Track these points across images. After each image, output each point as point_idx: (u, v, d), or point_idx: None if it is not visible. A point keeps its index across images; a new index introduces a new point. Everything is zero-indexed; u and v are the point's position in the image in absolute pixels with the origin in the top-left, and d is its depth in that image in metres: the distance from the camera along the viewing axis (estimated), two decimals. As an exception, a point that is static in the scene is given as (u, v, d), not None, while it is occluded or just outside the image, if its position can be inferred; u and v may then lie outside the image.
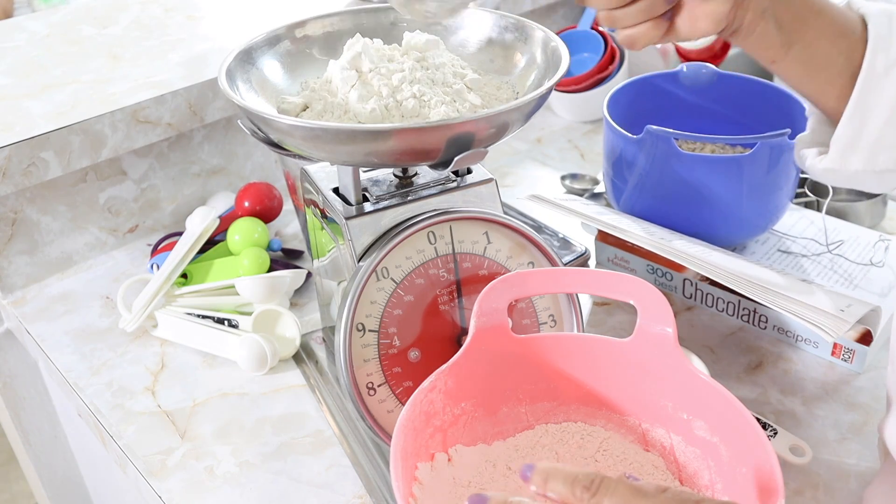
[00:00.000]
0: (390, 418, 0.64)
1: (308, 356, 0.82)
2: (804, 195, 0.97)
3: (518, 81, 0.68)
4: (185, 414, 0.76)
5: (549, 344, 0.61)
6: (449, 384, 0.57)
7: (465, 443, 0.59)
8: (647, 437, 0.60)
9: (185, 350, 0.84)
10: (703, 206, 0.82)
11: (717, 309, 0.85)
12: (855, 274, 0.85)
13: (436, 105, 0.60)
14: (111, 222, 0.98)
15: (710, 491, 0.56)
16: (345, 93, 0.62)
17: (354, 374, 0.62)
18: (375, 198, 0.64)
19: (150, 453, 0.73)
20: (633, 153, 0.83)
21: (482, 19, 0.70)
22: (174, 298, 0.86)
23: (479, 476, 0.57)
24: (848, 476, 0.67)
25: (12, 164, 0.85)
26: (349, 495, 0.68)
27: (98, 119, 0.89)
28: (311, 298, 0.90)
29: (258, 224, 0.91)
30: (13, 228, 0.91)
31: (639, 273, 0.89)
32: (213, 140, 1.03)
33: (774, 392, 0.76)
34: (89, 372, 0.82)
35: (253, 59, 0.67)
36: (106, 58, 1.04)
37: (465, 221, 0.64)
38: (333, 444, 0.72)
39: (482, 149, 0.58)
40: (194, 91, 0.96)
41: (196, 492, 0.69)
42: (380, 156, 0.57)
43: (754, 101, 0.92)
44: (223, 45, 1.07)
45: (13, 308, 0.91)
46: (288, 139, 0.59)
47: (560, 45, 0.65)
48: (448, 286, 0.65)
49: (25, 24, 1.16)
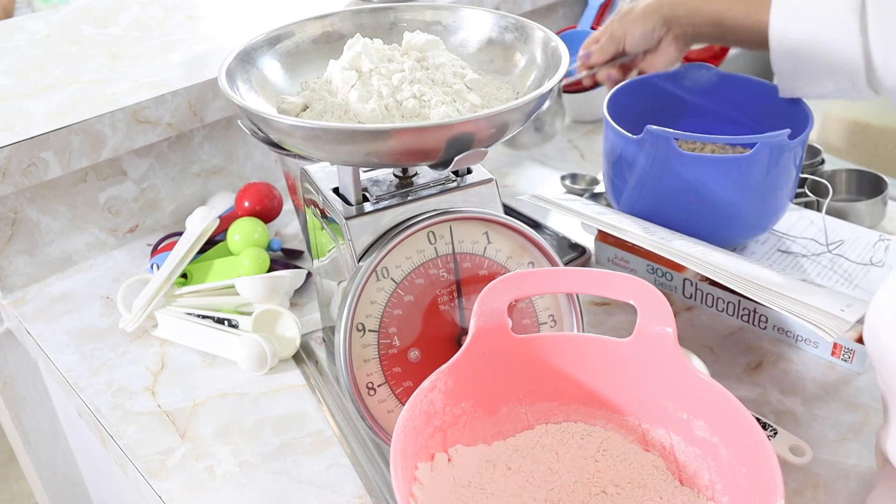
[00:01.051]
0: (390, 418, 0.64)
1: (308, 356, 0.82)
2: (804, 195, 0.97)
3: (518, 81, 0.68)
4: (185, 414, 0.76)
5: (549, 344, 0.61)
6: (449, 384, 0.57)
7: (465, 443, 0.59)
8: (647, 437, 0.60)
9: (185, 350, 0.84)
10: (703, 207, 0.82)
11: (717, 309, 0.85)
12: (855, 274, 0.85)
13: (436, 105, 0.60)
14: (111, 222, 0.98)
15: (711, 491, 0.56)
16: (345, 93, 0.62)
17: (354, 374, 0.62)
18: (375, 198, 0.64)
19: (150, 453, 0.73)
20: (633, 153, 0.83)
21: (482, 19, 0.70)
22: (174, 298, 0.86)
23: (479, 476, 0.57)
24: (848, 476, 0.67)
25: (12, 164, 0.85)
26: (349, 495, 0.68)
27: (98, 119, 0.89)
28: (311, 298, 0.90)
29: (258, 224, 0.91)
30: (13, 228, 0.91)
31: (639, 273, 0.89)
32: (213, 140, 1.03)
33: (774, 392, 0.76)
34: (89, 372, 0.82)
35: (253, 59, 0.67)
36: (106, 58, 1.04)
37: (465, 221, 0.64)
38: (333, 444, 0.72)
39: (482, 149, 0.58)
40: (194, 91, 0.96)
41: (196, 492, 0.69)
42: (380, 156, 0.57)
43: (754, 101, 0.92)
44: (223, 45, 1.07)
45: (13, 308, 0.91)
46: (288, 139, 0.59)
47: (560, 45, 0.65)
48: (448, 286, 0.65)
49: (25, 24, 1.16)
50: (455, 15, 0.71)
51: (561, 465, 0.59)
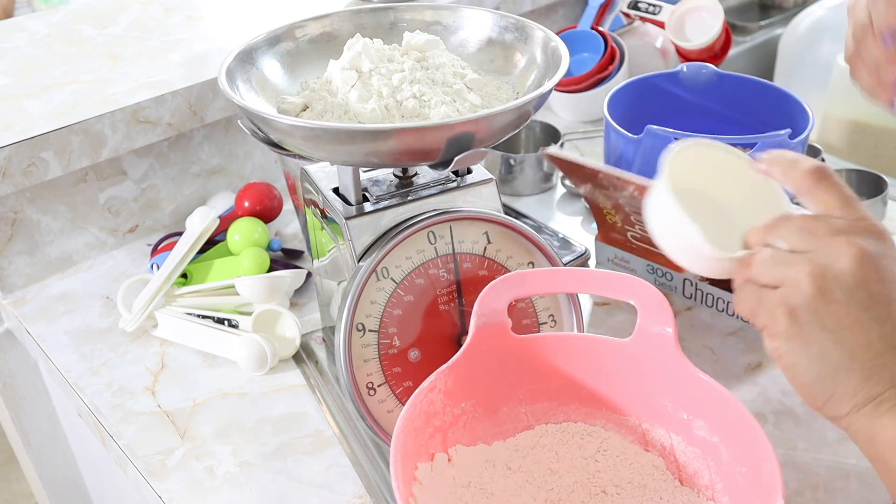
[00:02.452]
0: (390, 418, 0.64)
1: (308, 356, 0.82)
2: (804, 195, 0.97)
3: (518, 81, 0.68)
4: (185, 414, 0.76)
5: (549, 344, 0.61)
6: (449, 384, 0.57)
7: (465, 443, 0.59)
8: (647, 437, 0.60)
9: (185, 350, 0.84)
10: (703, 206, 0.82)
11: (717, 309, 0.85)
12: (855, 274, 0.84)
13: (436, 105, 0.60)
14: (111, 222, 0.98)
15: (711, 491, 0.56)
16: (345, 93, 0.62)
17: (354, 374, 0.62)
18: (375, 198, 0.64)
19: (150, 453, 0.72)
20: (633, 153, 0.83)
21: (482, 19, 0.70)
22: (174, 298, 0.86)
23: (479, 476, 0.57)
24: (848, 476, 0.67)
25: (12, 164, 0.85)
26: (349, 495, 0.68)
27: (98, 119, 0.89)
28: (311, 298, 0.90)
29: (258, 224, 0.91)
30: (13, 228, 0.91)
31: (639, 273, 0.89)
32: (213, 140, 1.03)
33: (774, 392, 0.76)
34: (89, 372, 0.82)
35: (253, 59, 0.67)
36: (106, 58, 1.04)
37: (465, 221, 0.64)
38: (333, 444, 0.72)
39: (482, 149, 0.58)
40: (194, 91, 0.96)
41: (196, 492, 0.69)
42: (380, 156, 0.57)
43: (754, 101, 0.92)
44: (223, 45, 1.07)
45: (13, 308, 0.91)
46: (288, 139, 0.59)
47: (560, 45, 0.65)
48: (448, 286, 0.64)
49: (25, 24, 1.16)
50: (455, 15, 0.71)
51: (561, 465, 0.59)
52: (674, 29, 1.19)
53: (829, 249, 0.46)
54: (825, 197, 0.49)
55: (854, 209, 0.48)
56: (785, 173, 0.51)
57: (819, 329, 0.46)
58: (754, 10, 1.71)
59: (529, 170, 1.03)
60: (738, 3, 1.69)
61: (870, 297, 0.46)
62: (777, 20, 1.62)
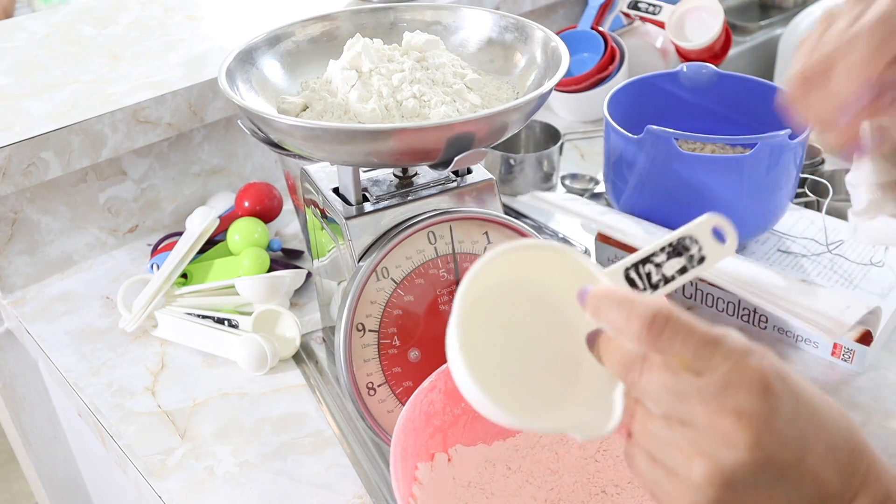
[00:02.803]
0: (390, 418, 0.64)
1: (308, 356, 0.82)
2: (804, 195, 0.97)
3: (518, 81, 0.68)
4: (185, 414, 0.76)
5: (549, 344, 0.61)
6: (449, 384, 0.57)
7: (465, 443, 0.59)
8: (647, 437, 0.60)
9: (185, 350, 0.84)
10: (703, 207, 0.81)
11: (717, 309, 0.85)
12: (855, 274, 0.85)
13: (436, 105, 0.60)
14: (111, 222, 0.98)
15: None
16: (345, 93, 0.62)
17: (354, 374, 0.62)
18: (375, 198, 0.64)
19: (150, 453, 0.73)
20: (633, 153, 0.83)
21: (482, 19, 0.70)
22: (174, 298, 0.86)
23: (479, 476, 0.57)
24: (848, 476, 0.67)
25: (12, 164, 0.85)
26: (349, 495, 0.68)
27: (98, 119, 0.89)
28: (311, 298, 0.90)
29: (258, 224, 0.91)
30: (13, 228, 0.91)
31: (639, 273, 0.89)
32: (213, 140, 1.03)
33: (774, 392, 0.75)
34: (89, 372, 0.82)
35: (253, 59, 0.67)
36: (106, 58, 1.04)
37: (465, 221, 0.64)
38: (333, 444, 0.72)
39: (482, 149, 0.58)
40: (194, 91, 0.96)
41: (196, 492, 0.69)
42: (380, 156, 0.57)
43: (754, 101, 0.92)
44: (223, 45, 1.07)
45: (13, 308, 0.91)
46: (288, 139, 0.59)
47: (560, 45, 0.65)
48: (448, 286, 0.64)
49: (25, 24, 1.16)
50: (455, 15, 0.71)
51: (561, 465, 0.59)
52: (674, 29, 1.19)
53: (713, 432, 0.38)
54: (677, 350, 0.39)
55: (717, 353, 0.39)
56: (617, 326, 0.41)
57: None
58: (754, 10, 1.71)
59: (529, 170, 1.03)
60: (738, 3, 1.69)
61: (778, 470, 0.39)
62: (777, 20, 1.62)
